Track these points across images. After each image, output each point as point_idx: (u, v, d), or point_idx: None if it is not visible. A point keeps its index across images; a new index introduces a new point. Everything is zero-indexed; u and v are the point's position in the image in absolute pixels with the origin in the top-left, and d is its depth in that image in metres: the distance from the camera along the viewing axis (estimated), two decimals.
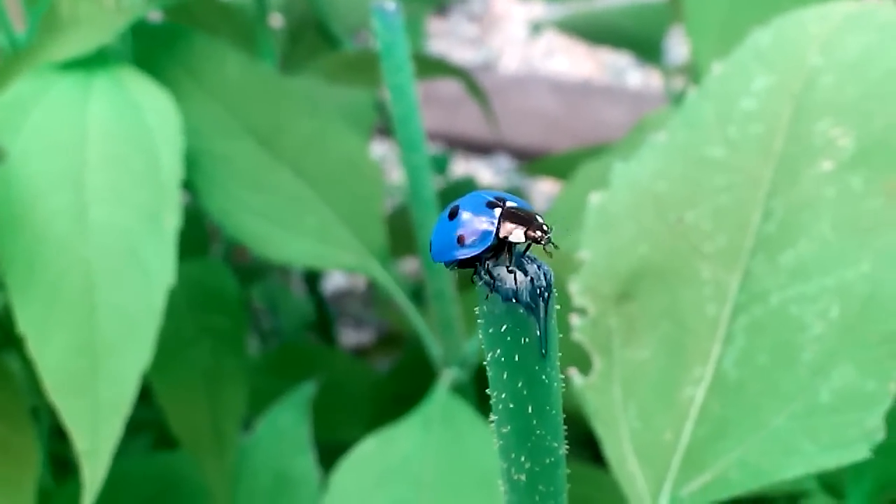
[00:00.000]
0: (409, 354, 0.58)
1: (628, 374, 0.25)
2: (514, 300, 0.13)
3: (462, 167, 1.02)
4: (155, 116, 0.33)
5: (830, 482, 0.35)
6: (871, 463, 0.34)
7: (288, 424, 0.40)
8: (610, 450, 0.24)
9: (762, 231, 0.25)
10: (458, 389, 0.36)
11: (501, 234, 0.13)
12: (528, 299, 0.13)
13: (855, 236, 0.24)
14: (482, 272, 0.13)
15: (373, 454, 0.33)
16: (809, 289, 0.24)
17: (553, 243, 0.14)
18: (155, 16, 0.42)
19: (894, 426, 0.31)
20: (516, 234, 0.13)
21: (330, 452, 0.43)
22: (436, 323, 0.37)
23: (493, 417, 0.14)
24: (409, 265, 0.85)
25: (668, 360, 0.25)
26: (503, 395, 0.14)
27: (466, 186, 0.64)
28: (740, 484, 0.23)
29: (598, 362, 0.25)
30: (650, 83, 1.09)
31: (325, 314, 0.66)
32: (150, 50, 0.37)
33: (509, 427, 0.14)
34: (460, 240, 0.13)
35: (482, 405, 0.38)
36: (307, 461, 0.38)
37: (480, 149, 1.01)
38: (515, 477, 0.15)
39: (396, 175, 0.81)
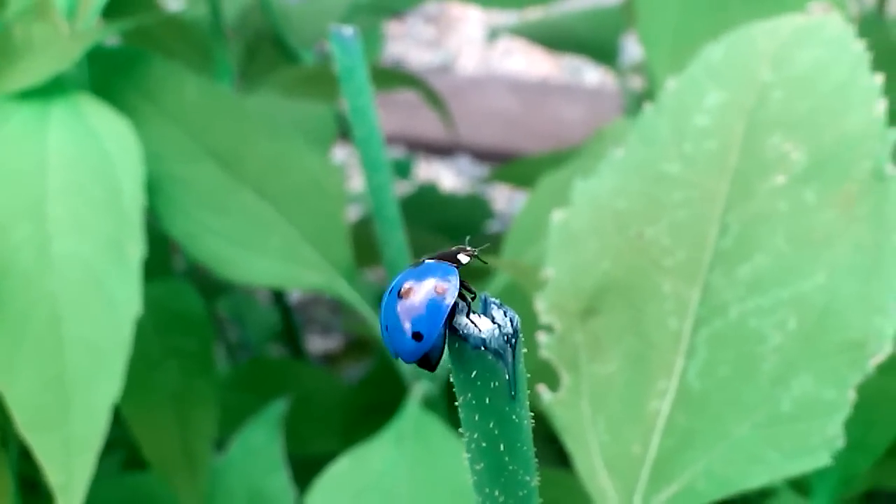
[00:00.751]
0: (378, 363, 0.58)
1: (596, 388, 0.25)
2: (482, 348, 0.13)
3: (423, 169, 1.02)
4: (114, 144, 0.32)
5: (796, 479, 0.36)
6: (836, 459, 0.35)
7: (261, 443, 0.40)
8: (580, 463, 0.25)
9: (719, 245, 0.26)
10: (428, 403, 0.37)
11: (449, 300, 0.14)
12: (497, 346, 0.13)
13: (809, 248, 0.24)
14: (454, 316, 0.13)
15: (346, 473, 0.33)
16: (767, 301, 0.24)
17: (479, 256, 0.14)
18: (110, 36, 0.42)
19: (855, 422, 0.32)
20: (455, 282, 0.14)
21: (303, 466, 0.43)
22: None
23: (466, 455, 0.15)
24: (376, 274, 0.85)
25: (633, 374, 0.25)
26: (475, 435, 0.14)
27: (429, 194, 0.64)
28: (707, 494, 0.23)
29: (565, 378, 0.26)
30: (607, 81, 1.10)
31: (291, 324, 0.66)
32: (106, 75, 0.36)
33: (482, 464, 0.15)
34: (416, 336, 0.13)
35: (453, 417, 0.38)
36: (282, 479, 0.39)
37: (441, 150, 1.02)
38: None
39: (358, 181, 0.81)
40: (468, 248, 0.15)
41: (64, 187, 0.31)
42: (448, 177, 1.01)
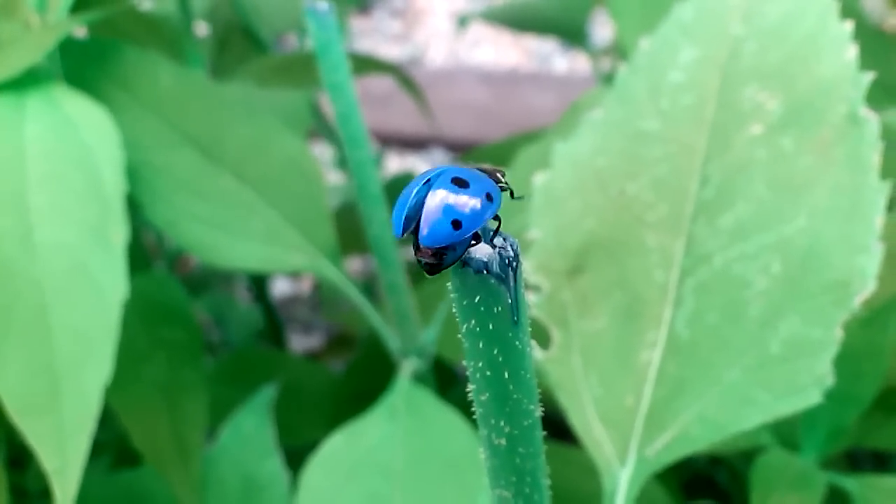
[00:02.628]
0: (363, 352, 0.58)
1: (586, 344, 0.26)
2: (485, 272, 0.13)
3: (397, 163, 1.02)
4: (92, 132, 0.32)
5: (785, 434, 0.36)
6: (822, 411, 0.35)
7: (252, 429, 0.40)
8: (575, 418, 0.25)
9: (701, 197, 0.26)
10: (418, 380, 0.37)
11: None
12: (499, 270, 0.13)
13: (789, 194, 0.25)
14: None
15: (341, 449, 0.33)
16: (750, 247, 0.25)
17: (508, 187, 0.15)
18: (79, 31, 0.42)
19: (842, 374, 0.33)
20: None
21: (293, 456, 0.43)
22: (391, 315, 0.38)
23: (470, 387, 0.15)
24: (354, 265, 0.85)
25: (622, 328, 0.25)
26: (480, 364, 0.14)
27: (406, 181, 0.64)
28: (702, 438, 0.24)
29: (556, 335, 0.26)
30: (576, 68, 1.10)
31: (274, 320, 0.66)
32: (80, 66, 0.36)
33: (487, 394, 0.15)
34: (455, 224, 0.13)
35: (443, 394, 0.38)
36: (275, 464, 0.39)
37: (414, 144, 1.02)
38: (496, 442, 0.15)
39: (332, 177, 0.81)
40: (503, 178, 0.15)
41: (44, 177, 0.31)
42: (423, 169, 1.02)
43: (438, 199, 0.13)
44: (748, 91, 0.26)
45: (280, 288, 0.96)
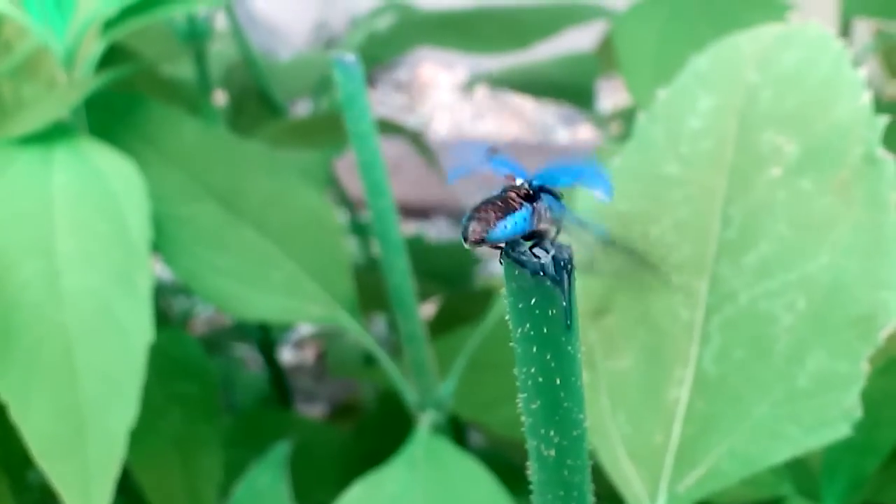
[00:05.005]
0: (372, 413, 0.58)
1: (613, 383, 0.26)
2: (541, 273, 0.14)
3: (403, 231, 1.03)
4: (119, 181, 0.33)
5: (804, 485, 0.36)
6: (842, 460, 0.35)
7: (266, 486, 0.40)
8: (604, 457, 0.25)
9: (723, 237, 0.27)
10: (436, 432, 0.37)
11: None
12: (554, 272, 0.14)
13: (810, 232, 0.25)
14: (513, 250, 0.14)
15: (360, 499, 0.33)
16: (775, 284, 0.25)
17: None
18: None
19: (861, 423, 0.33)
20: None
21: None
22: (407, 369, 0.38)
23: (520, 396, 0.15)
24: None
25: (649, 366, 0.26)
26: (532, 370, 0.15)
27: (416, 244, 0.65)
28: (732, 474, 0.24)
29: (584, 375, 0.26)
30: (577, 138, 1.12)
31: (282, 384, 0.66)
32: (105, 120, 0.37)
33: (539, 402, 0.15)
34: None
35: (460, 446, 0.38)
36: None
37: (419, 213, 1.03)
38: (545, 453, 0.15)
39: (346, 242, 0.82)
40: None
41: (71, 225, 0.32)
42: (431, 236, 1.02)
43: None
44: (766, 135, 0.27)
45: (284, 357, 0.96)
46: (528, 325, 0.14)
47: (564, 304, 0.14)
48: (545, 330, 0.14)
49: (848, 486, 0.36)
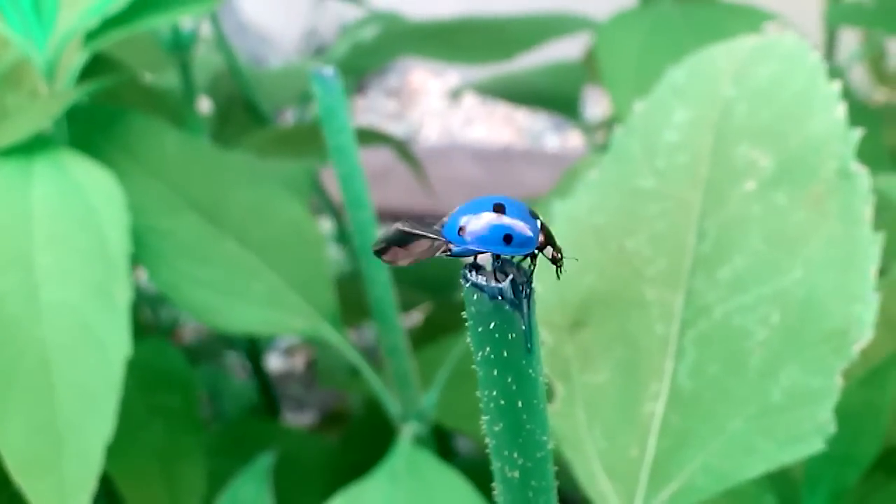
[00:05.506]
0: (357, 424, 0.58)
1: (589, 397, 0.26)
2: (500, 298, 0.14)
3: None
4: (98, 195, 0.33)
5: (787, 497, 0.36)
6: (824, 472, 0.35)
7: (249, 496, 0.40)
8: (580, 470, 0.25)
9: (699, 251, 0.27)
10: (418, 444, 0.37)
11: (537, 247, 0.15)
12: (512, 296, 0.14)
13: (785, 247, 0.25)
14: (470, 273, 0.14)
15: None
16: (749, 299, 0.25)
17: (562, 265, 0.15)
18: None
19: (842, 434, 0.33)
20: (546, 250, 0.15)
21: None
22: (391, 381, 0.38)
23: (484, 418, 0.15)
24: (350, 336, 0.85)
25: (625, 380, 0.26)
26: (494, 393, 0.15)
27: None
28: (706, 489, 0.24)
29: (559, 389, 0.26)
30: (567, 146, 1.12)
31: (269, 394, 0.66)
32: (86, 132, 0.37)
33: (501, 424, 0.15)
34: (507, 239, 0.14)
35: (443, 458, 0.38)
36: None
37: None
38: (509, 475, 0.15)
39: (333, 251, 0.82)
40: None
41: (50, 238, 0.32)
42: None
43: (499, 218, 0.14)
44: (741, 149, 0.27)
45: (273, 364, 0.96)
46: (488, 349, 0.14)
47: (524, 327, 0.14)
48: (505, 353, 0.14)
49: (830, 498, 0.36)
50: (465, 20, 0.51)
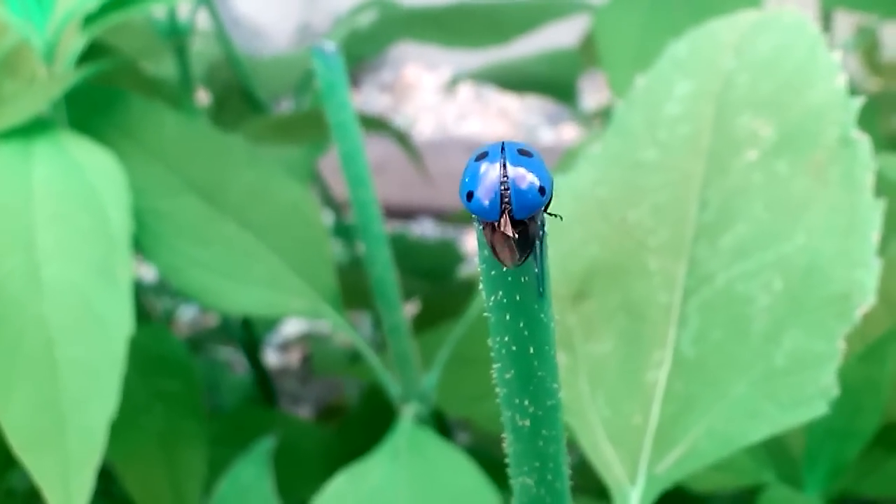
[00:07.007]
0: (356, 411, 0.58)
1: (592, 367, 0.26)
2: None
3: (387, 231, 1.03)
4: (99, 175, 0.33)
5: (786, 472, 0.36)
6: (824, 447, 0.35)
7: (251, 480, 0.40)
8: (584, 439, 0.25)
9: (701, 220, 0.27)
10: (419, 424, 0.37)
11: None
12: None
13: (787, 214, 0.25)
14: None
15: (344, 490, 0.33)
16: (752, 265, 0.25)
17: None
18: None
19: (842, 410, 0.33)
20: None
21: None
22: (391, 363, 0.38)
23: (494, 366, 0.15)
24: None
25: (628, 349, 0.26)
26: (506, 339, 0.15)
27: (400, 241, 0.65)
28: (711, 453, 0.24)
29: (563, 359, 0.26)
30: (562, 138, 1.13)
31: (267, 385, 0.65)
32: (85, 114, 0.37)
33: (513, 371, 0.15)
34: (541, 191, 0.14)
35: (444, 437, 0.38)
36: None
37: (404, 214, 1.03)
38: (520, 423, 0.15)
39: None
40: None
41: (51, 218, 0.32)
42: (413, 235, 1.02)
43: (522, 170, 0.14)
44: (742, 119, 0.27)
45: (269, 359, 0.96)
46: (500, 293, 0.14)
47: (537, 270, 0.14)
48: (518, 297, 0.14)
49: (829, 473, 0.36)
50: (460, 5, 0.51)
